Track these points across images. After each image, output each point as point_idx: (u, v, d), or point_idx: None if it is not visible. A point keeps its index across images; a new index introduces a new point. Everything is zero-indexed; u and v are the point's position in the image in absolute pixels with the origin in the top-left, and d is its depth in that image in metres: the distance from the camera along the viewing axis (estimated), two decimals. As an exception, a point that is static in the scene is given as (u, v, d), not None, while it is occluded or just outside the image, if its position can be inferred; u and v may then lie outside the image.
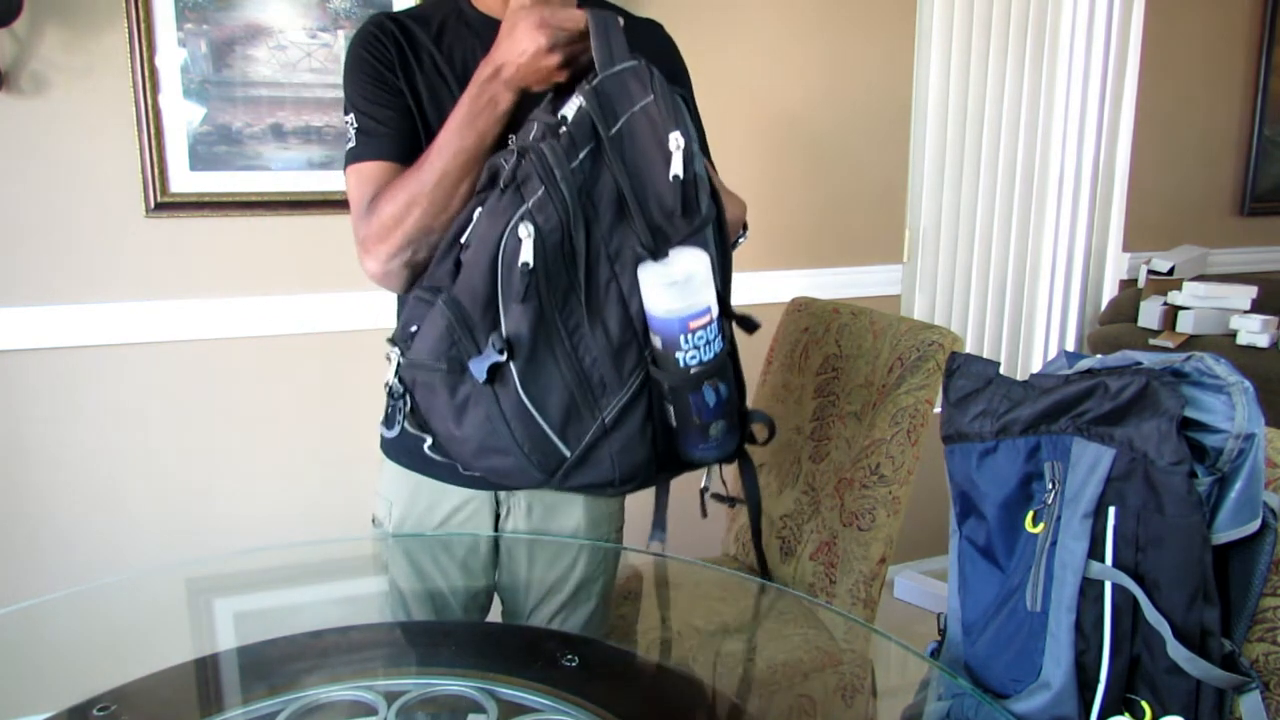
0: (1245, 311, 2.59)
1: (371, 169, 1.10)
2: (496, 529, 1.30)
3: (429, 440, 1.03)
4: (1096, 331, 2.91)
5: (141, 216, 1.91)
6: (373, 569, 1.42)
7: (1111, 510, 0.90)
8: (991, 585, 1.04)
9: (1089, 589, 0.91)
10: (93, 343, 1.92)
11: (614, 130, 0.91)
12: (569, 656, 1.05)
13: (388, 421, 0.99)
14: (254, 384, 2.04)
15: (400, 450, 1.27)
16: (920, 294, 2.75)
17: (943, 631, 1.11)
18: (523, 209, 0.90)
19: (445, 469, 1.13)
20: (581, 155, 0.91)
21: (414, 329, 0.96)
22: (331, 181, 1.99)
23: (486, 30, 1.13)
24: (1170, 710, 0.89)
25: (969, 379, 1.04)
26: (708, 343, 0.93)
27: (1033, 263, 2.93)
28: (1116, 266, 3.01)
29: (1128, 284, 2.99)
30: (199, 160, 1.92)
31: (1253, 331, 2.53)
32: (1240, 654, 0.92)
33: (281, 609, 1.42)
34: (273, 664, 1.04)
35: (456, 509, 1.26)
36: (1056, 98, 2.85)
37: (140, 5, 1.82)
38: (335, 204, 2.00)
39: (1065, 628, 0.91)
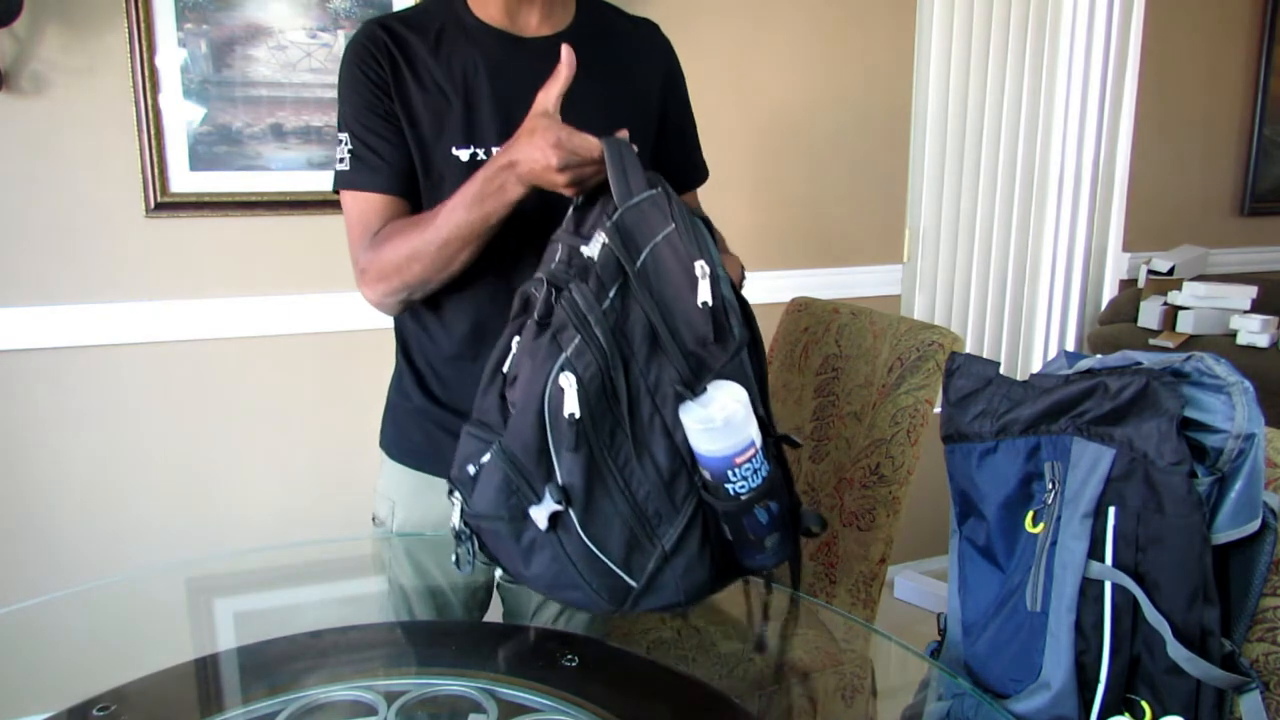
0: (1245, 311, 2.59)
1: (370, 201, 1.13)
2: None
3: (500, 571, 1.05)
4: (1096, 331, 2.91)
5: (141, 216, 1.91)
6: (373, 569, 1.43)
7: (1111, 510, 0.90)
8: (991, 585, 1.04)
9: (1089, 589, 0.91)
10: (93, 343, 1.92)
11: (639, 264, 0.92)
12: (569, 656, 1.05)
13: (458, 562, 1.02)
14: (254, 384, 2.04)
15: (401, 448, 1.27)
16: (920, 294, 2.75)
17: (943, 631, 1.11)
18: (561, 359, 0.90)
19: (446, 466, 1.13)
20: (611, 295, 0.92)
21: (471, 470, 0.98)
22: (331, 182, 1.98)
23: (486, 39, 1.13)
24: (1170, 710, 0.89)
25: (969, 379, 1.04)
26: (755, 471, 0.94)
27: (1033, 263, 2.93)
28: (1116, 266, 3.01)
29: (1128, 284, 2.99)
30: (199, 160, 1.92)
31: (1253, 331, 2.53)
32: (1240, 654, 0.92)
33: (281, 609, 1.42)
34: (273, 664, 1.04)
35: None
36: (1056, 98, 2.85)
37: (140, 5, 1.82)
38: (335, 204, 1.99)
39: (1065, 628, 0.91)
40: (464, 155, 1.12)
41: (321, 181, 2.00)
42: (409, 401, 1.25)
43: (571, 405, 0.89)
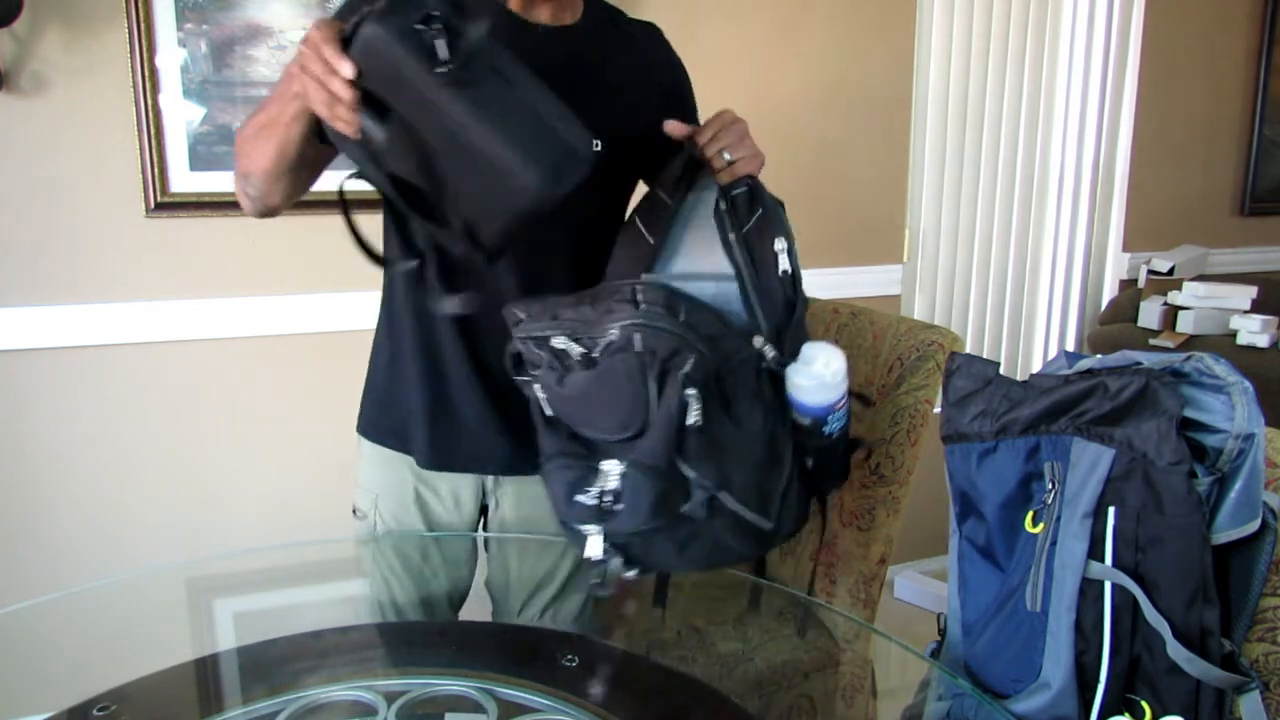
0: (1245, 311, 2.59)
1: None
2: (484, 519, 1.30)
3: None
4: (1096, 331, 2.91)
5: (141, 216, 1.91)
6: (360, 569, 1.42)
7: (1111, 510, 0.90)
8: (991, 585, 1.04)
9: (1089, 589, 0.91)
10: (93, 343, 1.92)
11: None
12: (569, 656, 1.05)
13: (603, 584, 1.10)
14: (254, 384, 2.04)
15: (380, 429, 1.27)
16: (920, 294, 2.75)
17: (943, 631, 1.11)
18: (680, 375, 1.00)
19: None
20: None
21: (590, 499, 1.04)
22: (332, 182, 1.98)
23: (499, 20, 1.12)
24: (1170, 710, 0.89)
25: (969, 379, 1.04)
26: (845, 413, 1.13)
27: (1033, 263, 2.93)
28: (1116, 266, 3.01)
29: (1128, 284, 2.99)
30: (199, 160, 1.92)
31: (1253, 331, 2.52)
32: (1240, 654, 0.92)
33: (281, 609, 1.42)
34: (273, 664, 1.04)
35: (442, 498, 1.26)
36: (1056, 98, 2.84)
37: (140, 5, 1.82)
38: (335, 204, 1.99)
39: (1065, 628, 0.91)
40: None
41: (321, 181, 1.99)
42: (397, 368, 1.25)
43: (695, 416, 1.00)
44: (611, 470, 1.02)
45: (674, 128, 1.11)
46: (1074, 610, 0.91)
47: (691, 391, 0.99)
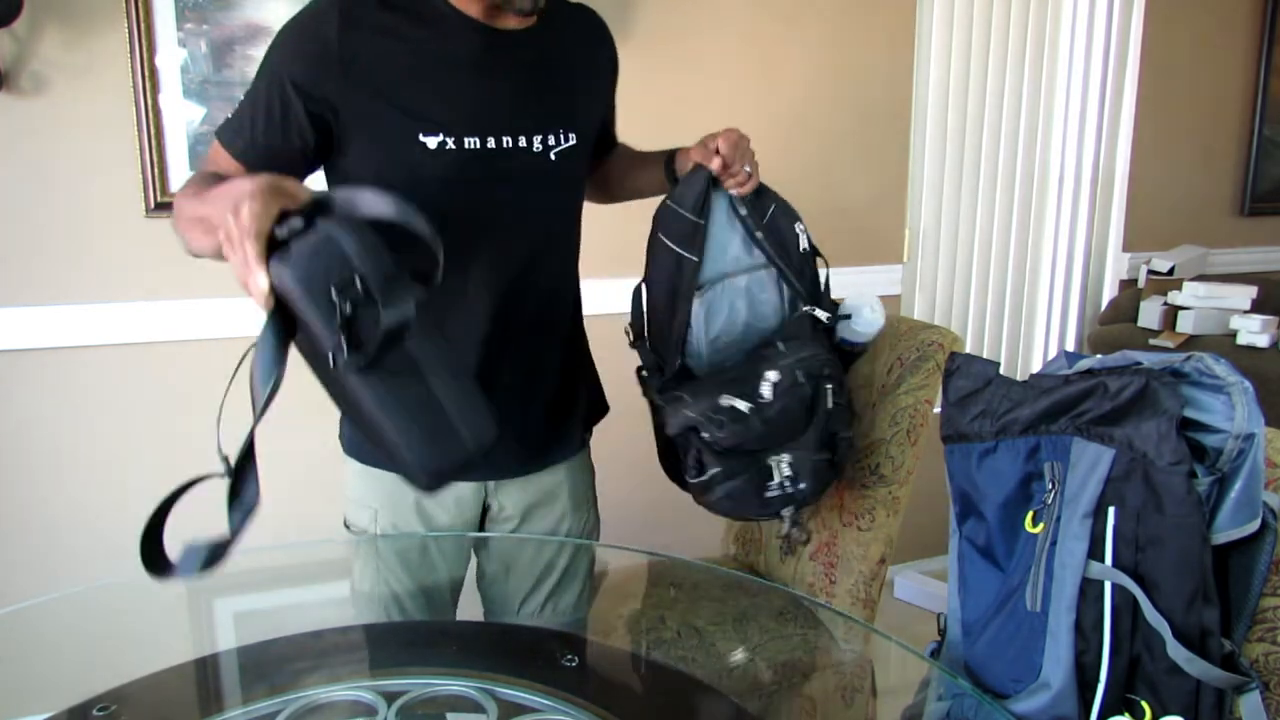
0: (1245, 311, 2.59)
1: (225, 161, 1.13)
2: (484, 520, 1.30)
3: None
4: (1096, 331, 2.91)
5: (141, 216, 1.91)
6: (359, 572, 1.42)
7: (1111, 510, 0.90)
8: (991, 585, 1.04)
9: (1089, 589, 0.91)
10: (93, 343, 1.92)
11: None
12: (569, 656, 1.05)
13: (789, 542, 1.50)
14: (254, 384, 2.04)
15: (370, 453, 1.27)
16: (920, 294, 2.75)
17: (943, 631, 1.11)
18: (827, 384, 1.27)
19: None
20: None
21: (795, 483, 1.27)
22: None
23: (463, 29, 1.11)
24: (1170, 710, 0.89)
25: (969, 379, 1.04)
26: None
27: (1033, 263, 2.93)
28: (1116, 266, 3.01)
29: (1128, 284, 2.99)
30: (199, 160, 1.92)
31: (1253, 331, 2.52)
32: (1240, 654, 0.92)
33: (281, 609, 1.42)
34: (273, 664, 1.04)
35: (444, 504, 1.26)
36: (1056, 98, 2.84)
37: (140, 5, 1.82)
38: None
39: (1065, 628, 0.91)
40: (432, 143, 1.10)
41: (321, 182, 1.99)
42: None
43: (831, 399, 1.27)
44: (781, 461, 1.25)
45: (701, 155, 1.23)
46: (1074, 610, 0.91)
47: (829, 385, 1.26)
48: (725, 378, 1.25)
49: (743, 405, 1.21)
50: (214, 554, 0.85)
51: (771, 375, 1.22)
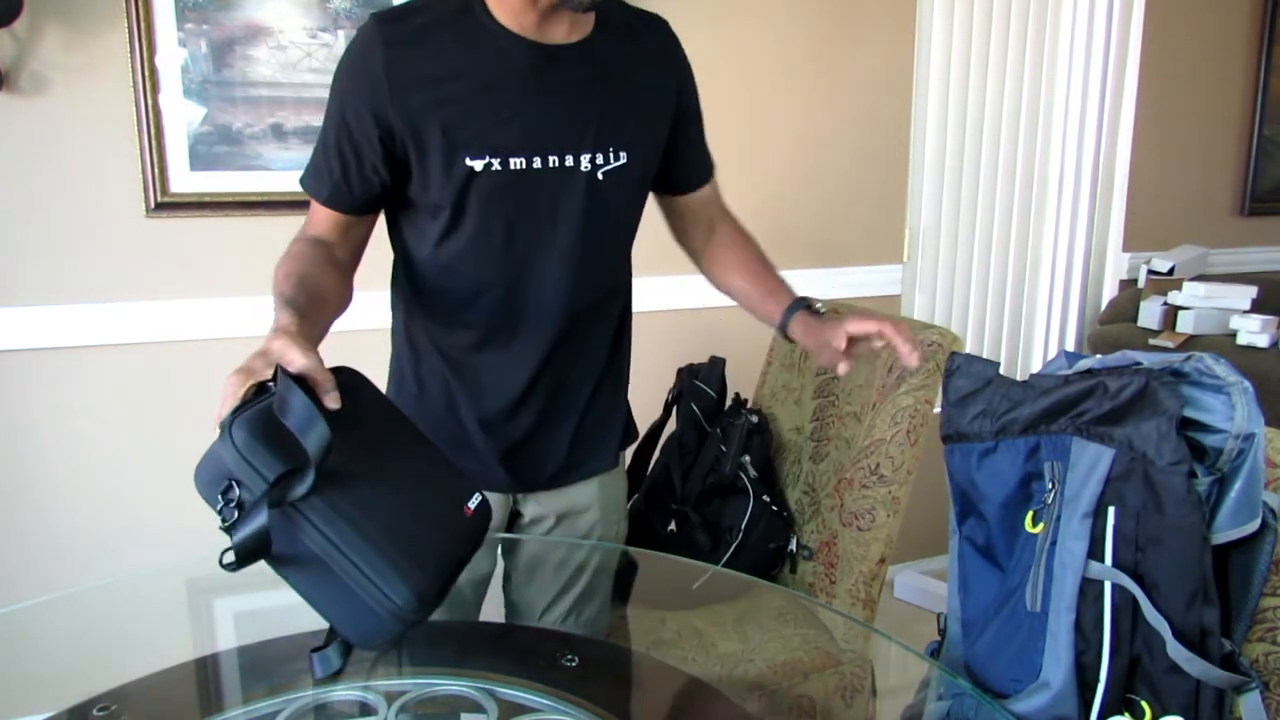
0: (1245, 311, 2.59)
1: (319, 211, 1.18)
2: (513, 526, 1.31)
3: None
4: (1096, 331, 2.91)
5: (141, 216, 1.91)
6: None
7: (1111, 510, 0.90)
8: (991, 585, 1.04)
9: (1089, 589, 0.91)
10: (93, 343, 1.92)
11: None
12: (569, 656, 1.05)
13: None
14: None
15: None
16: (920, 294, 2.75)
17: (943, 631, 1.11)
18: None
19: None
20: None
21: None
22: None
23: (511, 46, 1.09)
24: (1170, 710, 0.89)
25: (969, 379, 1.04)
26: None
27: (1033, 263, 2.93)
28: (1116, 266, 3.01)
29: (1128, 284, 2.99)
30: (199, 160, 1.92)
31: (1253, 331, 2.52)
32: (1240, 654, 0.92)
33: (281, 609, 1.42)
34: (273, 664, 1.04)
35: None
36: (1056, 98, 2.84)
37: (140, 5, 1.82)
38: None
39: (1065, 628, 0.91)
40: (478, 165, 1.09)
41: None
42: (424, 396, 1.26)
43: None
44: None
45: (912, 360, 1.09)
46: (1074, 610, 0.91)
47: None
48: None
49: None
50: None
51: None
